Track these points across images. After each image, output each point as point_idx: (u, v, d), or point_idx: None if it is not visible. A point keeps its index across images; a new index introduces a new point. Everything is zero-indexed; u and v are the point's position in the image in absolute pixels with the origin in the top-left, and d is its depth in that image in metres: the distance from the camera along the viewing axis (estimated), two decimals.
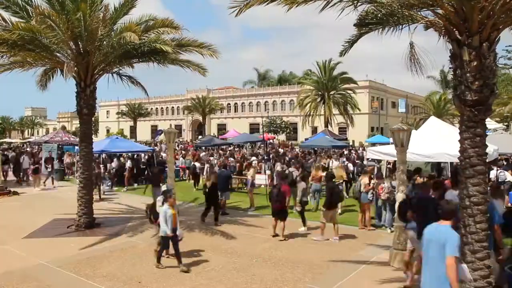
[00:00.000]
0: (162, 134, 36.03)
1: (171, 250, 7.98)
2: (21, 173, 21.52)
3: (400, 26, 6.95)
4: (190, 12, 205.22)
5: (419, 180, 11.13)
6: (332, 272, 7.72)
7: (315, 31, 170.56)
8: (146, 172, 21.55)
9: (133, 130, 73.09)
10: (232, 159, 22.86)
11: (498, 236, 6.25)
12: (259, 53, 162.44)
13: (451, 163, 13.18)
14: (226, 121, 74.02)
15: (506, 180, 13.15)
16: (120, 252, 8.91)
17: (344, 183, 14.79)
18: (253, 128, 66.09)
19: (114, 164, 20.79)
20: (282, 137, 60.57)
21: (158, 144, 41.14)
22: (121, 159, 22.14)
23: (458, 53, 5.75)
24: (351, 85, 43.34)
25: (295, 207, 11.18)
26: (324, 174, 13.08)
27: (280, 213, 10.03)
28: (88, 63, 11.01)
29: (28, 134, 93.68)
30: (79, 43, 10.76)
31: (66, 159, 24.33)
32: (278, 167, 17.60)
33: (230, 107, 75.21)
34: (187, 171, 21.99)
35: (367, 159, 18.59)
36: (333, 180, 11.07)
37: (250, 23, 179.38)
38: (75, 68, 10.60)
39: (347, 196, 14.88)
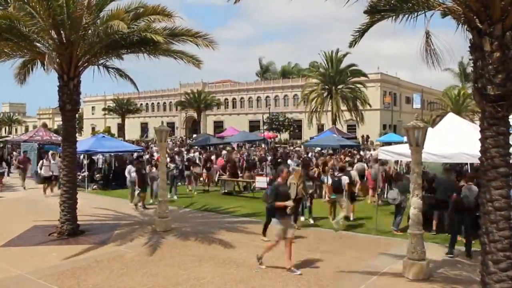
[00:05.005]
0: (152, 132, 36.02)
1: None
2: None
3: (415, 14, 6.95)
4: (207, 17, 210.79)
5: None
6: (340, 284, 7.71)
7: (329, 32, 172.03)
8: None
9: (121, 128, 72.99)
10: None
11: None
12: (272, 51, 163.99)
13: (471, 164, 13.17)
14: (224, 118, 74.05)
15: None
16: (107, 262, 8.91)
17: None
18: (253, 126, 66.14)
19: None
20: (285, 135, 60.56)
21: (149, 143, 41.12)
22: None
23: (479, 43, 5.75)
24: (361, 79, 43.20)
25: None
26: None
27: None
28: (72, 54, 10.99)
29: (5, 132, 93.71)
30: (62, 32, 10.73)
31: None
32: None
33: (227, 102, 75.23)
34: None
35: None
36: None
37: (264, 24, 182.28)
38: (57, 60, 10.58)
39: None
